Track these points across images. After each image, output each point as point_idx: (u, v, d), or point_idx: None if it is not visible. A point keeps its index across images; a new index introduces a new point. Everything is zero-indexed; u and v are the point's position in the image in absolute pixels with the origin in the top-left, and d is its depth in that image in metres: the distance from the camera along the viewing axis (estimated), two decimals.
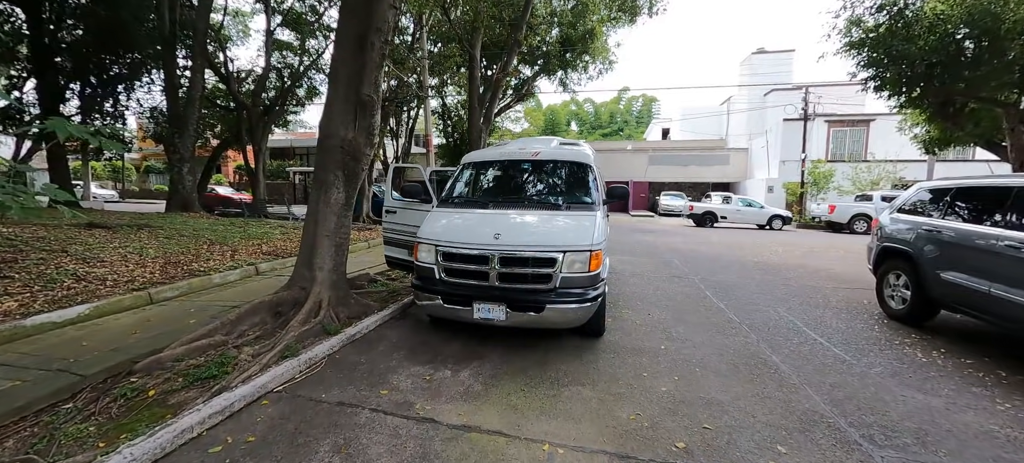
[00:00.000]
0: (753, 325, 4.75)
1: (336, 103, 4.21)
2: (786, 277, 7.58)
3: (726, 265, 8.71)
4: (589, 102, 60.23)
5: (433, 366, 3.59)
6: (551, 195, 4.50)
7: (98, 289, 4.62)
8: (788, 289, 6.63)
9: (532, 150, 4.82)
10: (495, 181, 4.81)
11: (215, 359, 3.35)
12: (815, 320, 5.02)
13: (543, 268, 3.63)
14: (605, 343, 4.12)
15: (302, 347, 3.68)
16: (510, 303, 3.61)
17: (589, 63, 22.04)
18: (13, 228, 6.39)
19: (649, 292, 6.23)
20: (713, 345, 4.11)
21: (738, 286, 6.75)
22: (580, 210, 4.14)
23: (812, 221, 20.03)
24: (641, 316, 5.04)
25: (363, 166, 4.32)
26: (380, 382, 3.28)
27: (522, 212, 4.09)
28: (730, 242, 13.15)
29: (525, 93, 23.66)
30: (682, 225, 19.59)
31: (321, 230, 4.23)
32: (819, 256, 10.37)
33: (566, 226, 3.92)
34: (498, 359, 3.72)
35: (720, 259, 9.52)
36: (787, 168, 23.02)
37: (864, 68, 8.57)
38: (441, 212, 4.36)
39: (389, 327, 4.49)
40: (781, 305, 5.67)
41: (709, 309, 5.39)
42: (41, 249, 5.51)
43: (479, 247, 3.73)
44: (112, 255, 5.73)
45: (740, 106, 29.65)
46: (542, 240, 3.69)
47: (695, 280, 7.14)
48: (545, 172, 4.77)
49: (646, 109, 58.98)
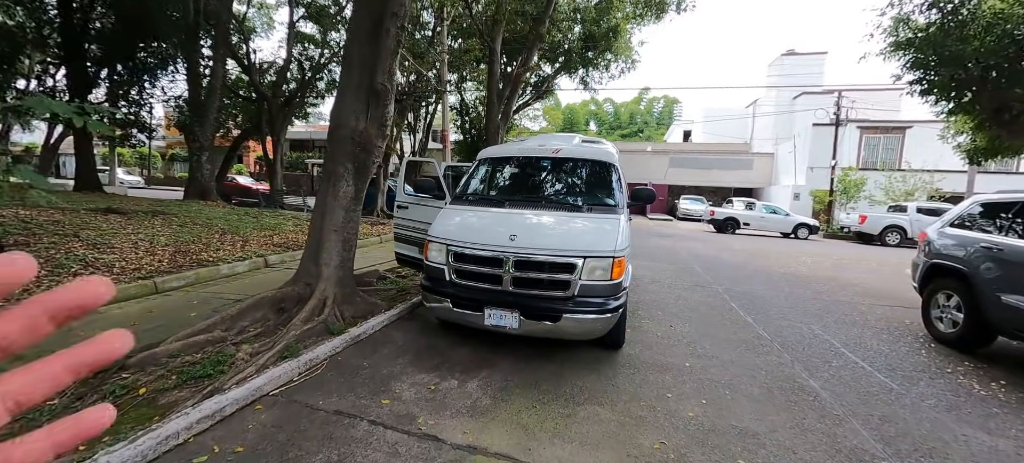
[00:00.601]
0: (786, 343, 4.38)
1: (348, 92, 4.01)
2: (817, 290, 7.12)
3: (751, 275, 8.27)
4: (609, 102, 59.41)
5: (439, 374, 3.37)
6: (572, 196, 4.22)
7: (104, 276, 4.54)
8: (820, 304, 6.19)
9: (553, 147, 4.55)
10: (512, 179, 4.56)
11: (212, 357, 3.19)
12: (853, 340, 4.62)
13: (561, 274, 3.37)
14: (624, 357, 3.83)
15: (303, 347, 3.50)
16: (524, 310, 3.36)
17: (611, 62, 21.59)
18: (31, 212, 6.44)
19: (670, 301, 5.89)
20: (743, 364, 3.77)
21: (765, 298, 6.34)
22: (602, 213, 3.85)
23: (840, 231, 19.17)
24: (663, 328, 4.72)
25: (374, 159, 4.12)
26: (382, 390, 3.07)
27: (540, 213, 3.83)
28: (754, 250, 12.61)
29: (545, 91, 23.32)
30: (702, 230, 19.01)
31: (328, 224, 4.05)
32: (850, 269, 9.80)
33: (587, 230, 3.64)
34: (509, 369, 3.47)
35: (744, 268, 9.06)
36: (815, 175, 22.12)
37: (910, 70, 7.99)
38: (454, 209, 4.13)
39: (396, 328, 4.29)
40: (814, 321, 5.26)
41: (736, 323, 5.03)
42: (54, 233, 5.50)
43: (493, 248, 3.48)
44: (123, 242, 5.69)
45: (767, 109, 28.68)
46: (561, 244, 3.42)
47: (719, 290, 6.76)
48: (566, 171, 4.50)
49: (667, 110, 57.85)
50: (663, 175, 28.13)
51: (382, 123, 4.02)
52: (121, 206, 7.82)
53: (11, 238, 5.02)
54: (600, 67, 21.88)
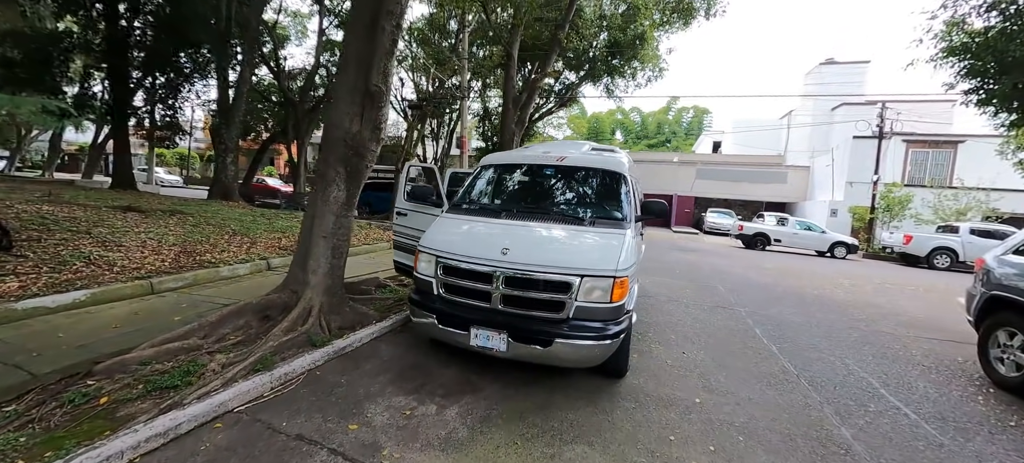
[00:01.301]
0: (814, 380, 3.89)
1: (343, 93, 3.87)
2: (854, 318, 6.47)
3: (779, 297, 7.65)
4: (636, 111, 58.36)
5: (419, 397, 3.10)
6: (575, 208, 3.90)
7: (103, 275, 4.55)
8: (858, 334, 5.58)
9: (557, 154, 4.25)
10: (514, 187, 4.29)
11: (183, 366, 3.05)
12: (895, 380, 4.06)
13: (554, 293, 3.05)
14: (626, 387, 3.46)
15: (280, 360, 3.32)
16: (513, 332, 3.06)
17: (638, 70, 21.11)
18: (53, 207, 6.64)
19: (686, 323, 5.43)
20: (762, 404, 3.33)
21: (794, 325, 5.78)
22: (607, 227, 3.52)
23: (882, 251, 17.86)
24: (674, 354, 4.30)
25: (367, 163, 3.94)
26: (353, 412, 2.84)
27: (538, 225, 3.53)
28: (785, 269, 11.81)
29: (568, 99, 23.02)
30: (729, 245, 18.12)
31: (318, 230, 3.89)
32: (893, 294, 8.96)
33: (587, 245, 3.32)
34: (495, 395, 3.18)
35: (773, 289, 8.42)
36: (854, 190, 20.78)
37: (966, 78, 7.23)
38: (448, 218, 3.89)
39: (385, 341, 4.07)
40: (849, 354, 4.70)
41: (758, 352, 4.55)
42: (68, 229, 5.61)
43: (483, 262, 3.21)
44: (132, 240, 5.76)
45: (803, 120, 27.35)
46: (556, 260, 3.11)
47: (742, 312, 6.23)
48: (571, 180, 4.19)
49: (697, 120, 56.26)
50: (689, 187, 27.19)
51: (376, 126, 3.84)
52: (141, 204, 8.04)
53: (25, 233, 5.13)
54: (626, 75, 21.44)
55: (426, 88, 18.07)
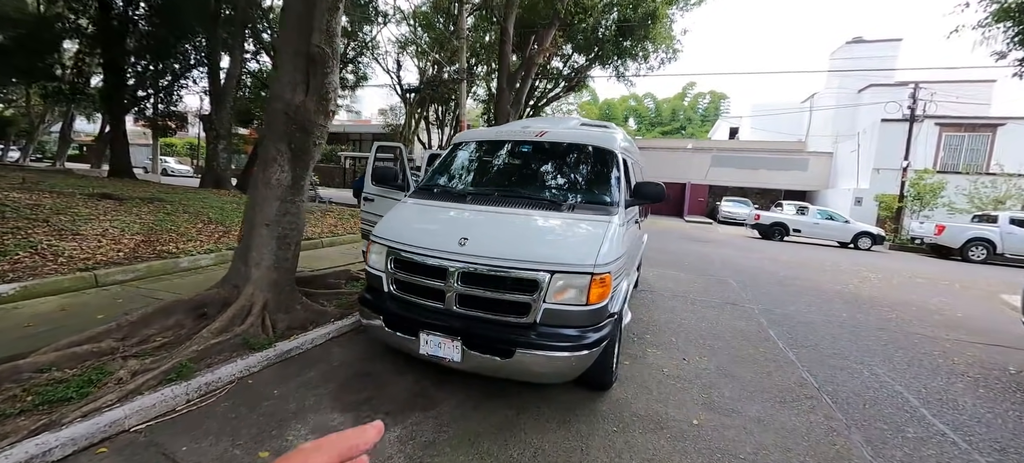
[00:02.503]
0: (838, 395, 3.28)
1: (285, 59, 3.36)
2: (884, 317, 5.76)
3: (798, 293, 6.95)
4: (650, 97, 56.73)
5: (359, 414, 2.62)
6: (555, 190, 3.33)
7: (44, 267, 4.18)
8: (888, 336, 4.91)
9: (538, 129, 3.68)
10: (486, 168, 3.73)
11: (87, 373, 2.62)
12: (937, 395, 3.42)
13: (518, 293, 2.52)
14: (611, 402, 2.92)
15: (205, 366, 2.87)
16: (468, 339, 2.53)
17: (650, 52, 20.15)
18: (23, 194, 6.35)
19: (690, 323, 4.84)
20: (775, 427, 2.75)
21: (815, 325, 5.13)
22: (590, 213, 2.95)
23: (911, 242, 16.75)
24: (673, 360, 3.73)
25: (316, 140, 3.43)
26: (272, 434, 2.36)
27: (509, 211, 2.98)
28: (804, 261, 11.01)
29: (576, 83, 22.16)
30: (744, 236, 17.23)
31: (259, 218, 3.42)
32: (926, 290, 8.14)
33: (562, 235, 2.76)
34: (449, 413, 2.67)
35: (790, 284, 7.71)
36: (881, 178, 19.55)
37: (1020, 44, 6.35)
38: (409, 204, 3.37)
39: (340, 343, 3.60)
40: (879, 362, 4.06)
41: (772, 359, 3.94)
42: (26, 217, 5.28)
43: (437, 254, 2.68)
44: (93, 229, 5.41)
45: (827, 103, 25.92)
46: (521, 252, 2.56)
47: (755, 311, 5.59)
48: (553, 159, 3.61)
49: (713, 106, 54.40)
50: (704, 175, 26.13)
51: (323, 96, 3.32)
52: (118, 192, 7.73)
53: None
54: (638, 57, 20.50)
55: (430, 73, 17.50)
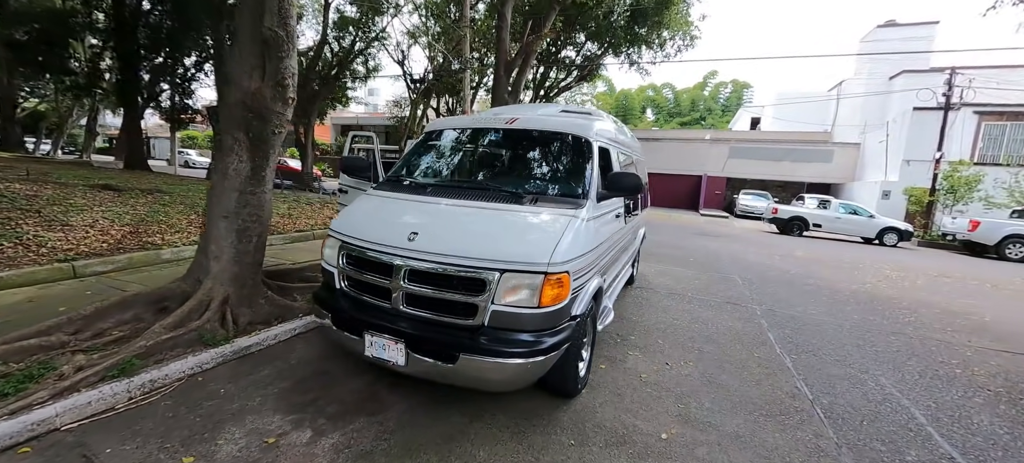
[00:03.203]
0: (834, 409, 2.97)
1: (240, 43, 3.21)
2: (900, 320, 5.33)
3: (808, 292, 6.54)
4: (668, 87, 55.22)
5: (301, 417, 2.48)
6: (520, 181, 3.11)
7: (25, 257, 4.19)
8: (901, 341, 4.51)
9: (509, 116, 3.44)
10: (454, 157, 3.53)
11: (31, 369, 2.56)
12: (950, 411, 3.08)
13: (464, 293, 2.32)
14: (574, 411, 2.70)
15: (153, 363, 2.78)
16: (412, 341, 2.35)
17: (666, 39, 19.49)
18: (24, 186, 6.48)
19: (682, 323, 4.55)
20: (754, 445, 2.49)
21: (820, 327, 4.76)
22: (553, 206, 2.71)
23: (941, 239, 15.78)
24: (654, 364, 3.48)
25: (274, 128, 3.29)
26: (203, 437, 2.25)
27: (467, 203, 2.77)
28: (822, 258, 10.44)
29: (588, 73, 21.64)
30: (762, 231, 16.56)
31: (217, 209, 3.31)
32: (951, 290, 7.57)
33: (518, 229, 2.54)
34: (396, 419, 2.51)
35: (801, 282, 7.27)
36: (912, 170, 18.45)
37: None
38: (371, 195, 3.20)
39: (307, 339, 3.48)
40: (887, 371, 3.71)
41: (766, 365, 3.64)
42: (20, 208, 5.36)
43: (384, 250, 2.51)
44: (84, 219, 5.45)
45: (855, 90, 24.61)
46: (469, 248, 2.36)
47: (756, 311, 5.25)
48: (523, 148, 3.38)
49: (735, 96, 52.54)
50: (721, 167, 25.24)
51: (280, 82, 3.17)
52: (119, 184, 7.85)
53: None
54: (653, 45, 19.87)
55: (437, 62, 17.32)
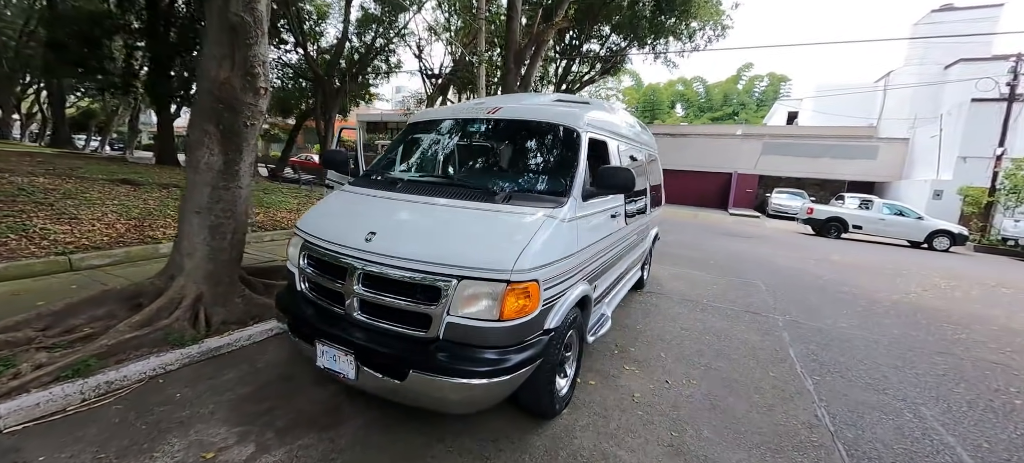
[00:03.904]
0: (858, 446, 2.54)
1: (210, 32, 3.08)
2: (947, 338, 4.71)
3: (841, 301, 5.93)
4: (699, 81, 53.18)
5: (249, 429, 2.30)
6: (496, 177, 2.84)
7: (27, 249, 4.26)
8: (949, 364, 3.95)
9: (492, 106, 3.16)
10: (431, 151, 3.28)
11: None
12: (1004, 452, 2.59)
13: (417, 302, 2.07)
14: (550, 434, 2.41)
15: (114, 362, 2.68)
16: (362, 353, 2.12)
17: (695, 30, 18.66)
18: (47, 179, 6.73)
19: (692, 335, 4.15)
20: None
21: (851, 344, 4.24)
22: (528, 204, 2.42)
23: (1001, 243, 14.34)
24: (652, 382, 3.13)
25: (246, 120, 3.14)
26: (141, 448, 2.10)
27: (435, 201, 2.52)
28: (860, 263, 9.61)
29: (612, 66, 20.99)
30: (796, 232, 15.55)
31: (189, 205, 3.20)
32: (1013, 303, 6.73)
33: (484, 231, 2.26)
34: (353, 435, 2.30)
35: (835, 290, 6.63)
36: (968, 168, 16.87)
37: None
38: (344, 192, 3.00)
39: (280, 341, 3.31)
40: (930, 399, 3.20)
41: (781, 387, 3.21)
42: (35, 200, 5.53)
43: (341, 250, 2.29)
44: (93, 213, 5.57)
45: (905, 80, 22.80)
46: (426, 251, 2.11)
47: (779, 322, 4.76)
48: (505, 141, 3.10)
49: (772, 89, 49.96)
50: (753, 164, 23.98)
51: (249, 72, 3.01)
52: (138, 178, 8.08)
53: None
54: (682, 36, 19.08)
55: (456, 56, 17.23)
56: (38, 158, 9.47)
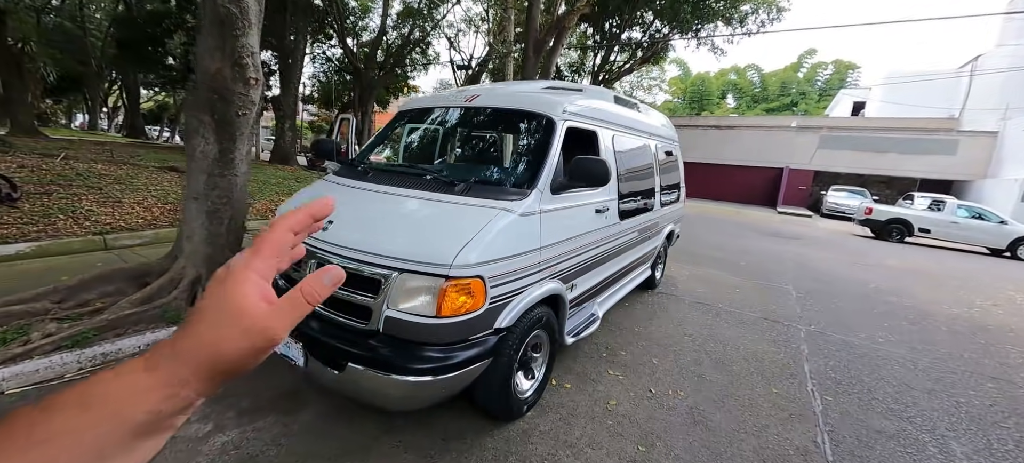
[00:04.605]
0: None
1: (204, 24, 3.18)
2: (1008, 361, 4.07)
3: (884, 313, 5.30)
4: (753, 69, 49.72)
5: (210, 409, 2.39)
6: (461, 167, 2.76)
7: (68, 228, 4.72)
8: (1001, 393, 3.40)
9: (470, 93, 3.05)
10: (410, 140, 3.24)
11: (7, 332, 2.76)
12: None
13: (359, 293, 2.03)
14: (504, 439, 2.31)
15: (113, 335, 2.89)
16: (310, 342, 2.13)
17: (747, 13, 17.46)
18: (104, 166, 7.42)
19: (696, 339, 3.86)
20: None
21: (881, 362, 3.77)
22: (488, 196, 2.30)
23: None
24: (634, 389, 2.93)
25: (239, 110, 3.24)
26: None
27: (397, 192, 2.47)
28: (920, 270, 8.58)
29: (651, 54, 20.06)
30: (851, 234, 14.18)
31: (189, 191, 3.37)
32: None
33: (434, 223, 2.19)
34: (308, 422, 2.32)
35: (879, 300, 5.95)
36: None
37: None
38: (323, 182, 3.04)
39: None
40: (966, 433, 2.77)
41: (783, 406, 2.90)
42: (87, 185, 6.10)
43: None
44: (136, 197, 6.07)
45: (996, 65, 20.03)
46: (370, 241, 2.07)
47: (800, 333, 4.32)
48: (481, 129, 2.99)
49: (837, 78, 45.74)
50: (808, 158, 22.10)
51: (238, 62, 3.09)
52: (183, 166, 8.72)
53: (45, 187, 5.65)
54: (732, 20, 17.94)
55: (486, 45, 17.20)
56: (108, 147, 10.49)
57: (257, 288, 0.35)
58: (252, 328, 0.34)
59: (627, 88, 34.13)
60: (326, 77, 19.77)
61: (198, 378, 0.33)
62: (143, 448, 0.32)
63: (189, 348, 0.33)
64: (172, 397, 0.32)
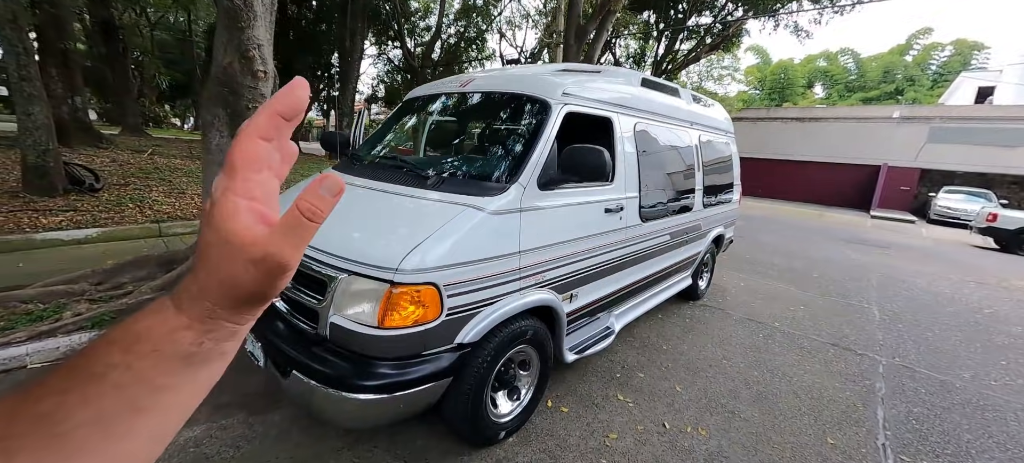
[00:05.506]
0: None
1: (219, 18, 3.24)
2: None
3: (1002, 346, 4.20)
4: (847, 53, 43.99)
5: (206, 399, 2.38)
6: (441, 158, 2.51)
7: (133, 217, 5.21)
8: None
9: (465, 78, 2.78)
10: (408, 130, 3.05)
11: (48, 310, 3.03)
12: None
13: (306, 293, 1.87)
14: None
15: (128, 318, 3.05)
16: (267, 344, 2.01)
17: None
18: (182, 161, 8.24)
19: (737, 365, 3.27)
20: None
21: (994, 413, 2.91)
22: (460, 192, 2.03)
23: None
24: (643, 422, 2.50)
25: (247, 103, 3.27)
26: None
27: (374, 186, 2.29)
28: None
29: (720, 40, 18.37)
30: (966, 244, 11.84)
31: (206, 183, 3.48)
32: None
33: (389, 219, 1.97)
34: (278, 424, 2.23)
35: (995, 329, 4.75)
36: None
37: None
38: (316, 175, 2.95)
39: None
40: None
41: (838, 461, 2.30)
42: (160, 178, 6.78)
43: None
44: (197, 189, 6.61)
45: None
46: (329, 240, 1.89)
47: (879, 366, 3.52)
48: (475, 116, 2.73)
49: (958, 61, 38.89)
50: (913, 154, 18.91)
51: (245, 55, 3.11)
52: None
53: (124, 179, 6.35)
54: None
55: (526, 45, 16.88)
56: (191, 144, 11.74)
57: (248, 212, 0.32)
58: (255, 257, 0.31)
59: (694, 79, 31.80)
60: (388, 78, 20.67)
61: (228, 311, 0.33)
62: (200, 375, 0.34)
63: (209, 286, 0.32)
64: (210, 331, 0.32)
